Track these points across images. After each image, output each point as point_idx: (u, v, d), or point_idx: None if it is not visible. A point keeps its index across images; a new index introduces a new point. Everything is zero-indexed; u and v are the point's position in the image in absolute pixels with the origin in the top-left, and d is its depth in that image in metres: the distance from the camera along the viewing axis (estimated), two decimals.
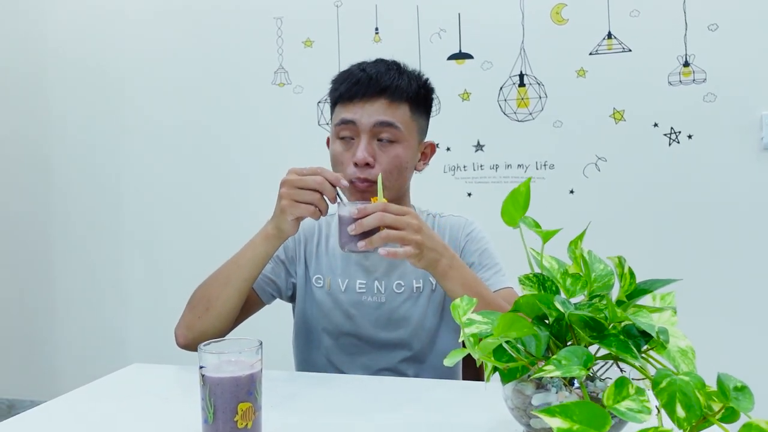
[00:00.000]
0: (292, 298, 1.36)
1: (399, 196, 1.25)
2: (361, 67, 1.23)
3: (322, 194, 1.06)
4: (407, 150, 1.22)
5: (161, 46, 2.75)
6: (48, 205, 2.91)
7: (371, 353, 1.27)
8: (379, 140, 1.19)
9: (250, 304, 1.27)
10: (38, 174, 2.91)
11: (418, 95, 1.24)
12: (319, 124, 2.57)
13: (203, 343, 0.77)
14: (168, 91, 2.75)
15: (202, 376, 0.75)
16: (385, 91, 1.19)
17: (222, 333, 1.21)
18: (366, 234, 1.02)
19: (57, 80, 2.87)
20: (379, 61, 1.25)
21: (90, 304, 2.87)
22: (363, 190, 1.18)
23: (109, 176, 2.83)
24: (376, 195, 1.10)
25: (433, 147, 1.32)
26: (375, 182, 1.15)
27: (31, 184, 2.92)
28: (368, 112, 1.18)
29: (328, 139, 1.32)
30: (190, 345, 1.20)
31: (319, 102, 2.57)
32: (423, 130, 1.28)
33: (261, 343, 0.79)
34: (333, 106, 1.26)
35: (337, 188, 1.08)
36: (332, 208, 1.12)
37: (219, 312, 1.17)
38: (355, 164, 1.17)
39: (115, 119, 2.81)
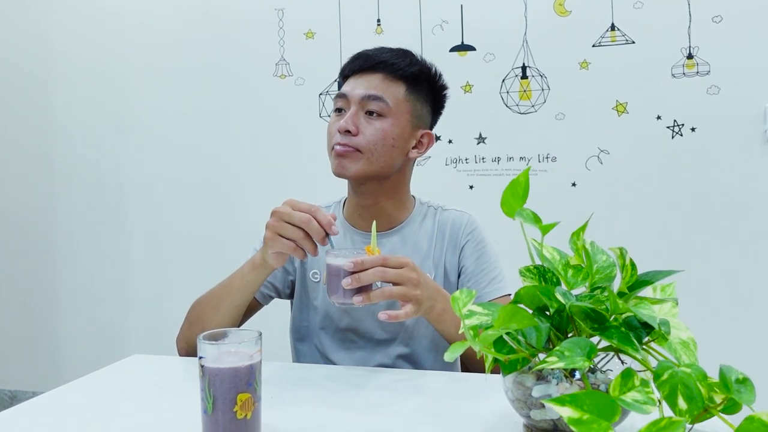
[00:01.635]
0: (290, 296, 1.35)
1: (386, 174, 1.22)
2: (368, 48, 1.27)
3: (307, 234, 1.02)
4: (395, 127, 1.20)
5: (163, 38, 2.74)
6: (52, 198, 2.91)
7: (367, 349, 1.26)
8: (369, 113, 1.20)
9: (249, 310, 1.27)
10: (42, 168, 2.91)
11: (417, 78, 1.23)
12: (321, 116, 2.56)
13: (203, 334, 0.77)
14: (169, 83, 2.74)
15: (202, 366, 0.75)
16: (379, 65, 1.21)
17: None
18: (360, 288, 0.99)
19: (60, 72, 2.86)
20: (393, 48, 1.27)
21: (92, 296, 2.88)
22: (340, 154, 1.19)
23: (112, 168, 2.83)
24: (357, 167, 1.14)
25: (431, 137, 1.29)
26: (355, 149, 1.17)
27: (35, 179, 2.92)
28: (361, 86, 1.21)
29: None
30: (192, 355, 1.21)
31: (321, 94, 2.56)
32: (420, 116, 1.26)
33: (260, 334, 0.79)
34: (339, 87, 1.29)
35: (330, 237, 1.04)
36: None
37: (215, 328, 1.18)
38: (339, 132, 1.19)
39: (117, 112, 2.81)
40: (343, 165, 1.19)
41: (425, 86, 1.25)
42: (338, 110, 1.23)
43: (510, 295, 1.22)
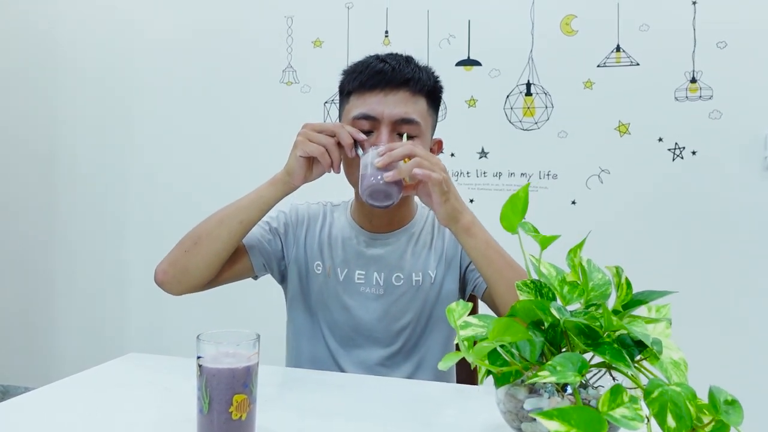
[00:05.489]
0: (282, 281, 1.34)
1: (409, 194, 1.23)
2: (380, 58, 1.21)
3: (337, 144, 1.10)
4: (424, 145, 1.20)
5: (170, 42, 2.76)
6: (52, 196, 2.92)
7: (367, 346, 1.26)
8: (398, 134, 1.17)
9: (238, 262, 1.24)
10: (44, 166, 2.93)
11: (434, 90, 1.24)
12: None
13: (201, 334, 0.78)
14: (174, 87, 2.76)
15: (200, 366, 0.76)
16: (407, 82, 1.17)
17: (204, 277, 1.18)
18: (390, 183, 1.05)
19: (66, 74, 2.89)
20: (395, 54, 1.24)
21: (89, 293, 2.89)
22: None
23: (114, 169, 2.85)
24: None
25: (440, 144, 1.32)
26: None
27: (37, 176, 2.94)
28: (389, 106, 1.16)
29: None
30: (169, 281, 1.19)
31: (326, 102, 2.59)
32: (434, 126, 1.28)
33: (258, 337, 0.80)
34: (347, 96, 1.23)
35: (358, 148, 1.11)
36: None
37: (206, 250, 1.16)
38: None
39: (122, 115, 2.83)
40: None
41: (436, 96, 1.26)
42: (366, 132, 1.17)
43: None
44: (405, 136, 1.15)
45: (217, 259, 1.18)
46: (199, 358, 0.76)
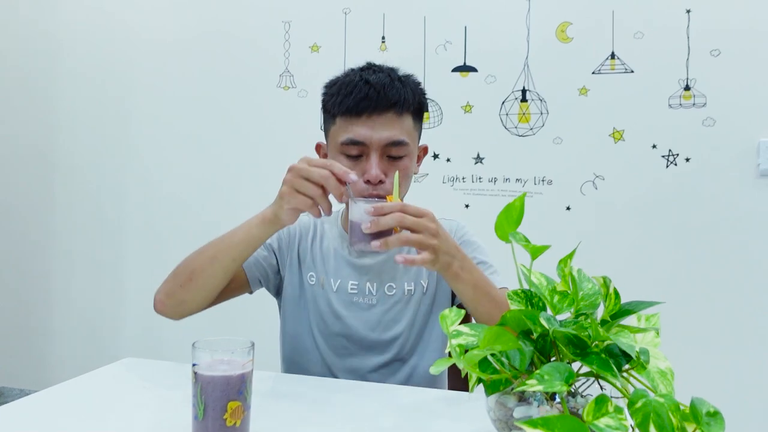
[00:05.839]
0: (277, 294, 1.36)
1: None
2: (363, 77, 1.20)
3: (325, 190, 1.02)
4: (412, 160, 1.23)
5: (168, 45, 2.77)
6: (49, 199, 2.93)
7: (360, 355, 1.28)
8: (389, 156, 1.19)
9: (236, 284, 1.26)
10: (42, 168, 2.93)
11: (419, 105, 1.25)
12: (321, 129, 2.59)
13: (197, 342, 0.79)
14: (173, 90, 2.77)
15: (195, 373, 0.77)
16: (394, 105, 1.17)
17: (201, 306, 1.20)
18: (380, 234, 1.00)
19: (65, 76, 2.89)
20: (376, 69, 1.23)
21: (86, 297, 2.89)
22: None
23: (112, 174, 2.85)
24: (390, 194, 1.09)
25: (425, 149, 1.33)
26: (386, 196, 1.14)
27: (35, 178, 2.94)
28: (378, 130, 1.16)
29: (318, 147, 1.33)
30: (168, 312, 1.20)
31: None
32: (420, 135, 1.29)
33: (253, 344, 0.81)
34: (332, 117, 1.23)
35: (348, 186, 1.04)
36: (336, 205, 1.11)
37: (201, 285, 1.16)
38: (368, 181, 1.16)
39: (120, 118, 2.84)
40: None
41: (421, 108, 1.26)
42: (355, 156, 1.18)
43: (507, 288, 1.21)
44: (396, 175, 1.11)
45: (213, 292, 1.19)
46: (194, 365, 0.77)
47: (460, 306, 1.31)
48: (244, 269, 1.28)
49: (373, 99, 1.16)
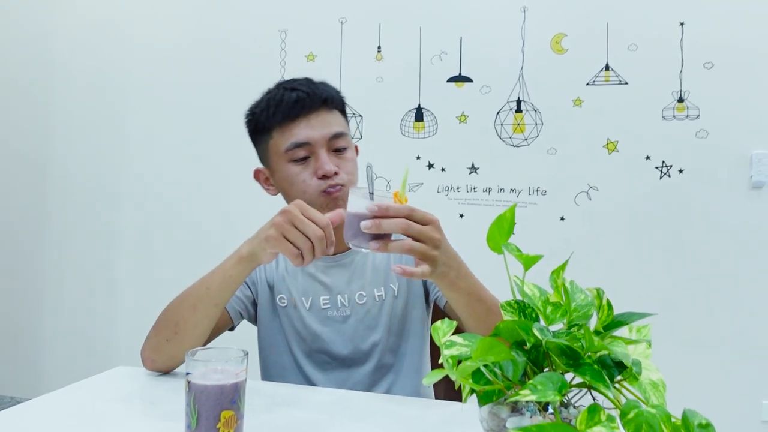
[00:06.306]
0: (255, 321, 1.35)
1: None
2: (286, 88, 1.23)
3: (313, 246, 0.99)
4: (354, 151, 1.26)
5: (164, 52, 2.78)
6: (42, 206, 2.92)
7: (342, 368, 1.27)
8: (335, 150, 1.20)
9: (221, 323, 1.24)
10: (36, 175, 2.93)
11: (343, 104, 1.27)
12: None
13: (190, 351, 0.79)
14: (169, 98, 2.78)
15: (188, 382, 0.77)
16: (324, 102, 1.20)
17: None
18: (380, 234, 0.94)
19: (60, 86, 2.90)
20: (294, 80, 1.26)
21: (79, 305, 2.88)
22: (338, 197, 1.17)
23: (106, 181, 2.85)
24: (346, 200, 1.00)
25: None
26: (342, 186, 1.16)
27: (28, 185, 2.94)
28: (317, 128, 1.19)
29: (257, 173, 1.31)
30: (159, 368, 1.17)
31: None
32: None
33: (247, 354, 0.81)
34: (267, 133, 1.24)
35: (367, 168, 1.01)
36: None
37: (188, 336, 1.13)
38: (324, 176, 1.17)
39: (116, 125, 2.84)
40: (339, 206, 1.13)
41: (344, 107, 1.28)
42: (302, 159, 1.19)
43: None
44: (406, 170, 1.06)
45: (200, 339, 1.16)
46: (187, 374, 0.77)
47: (435, 304, 1.31)
48: (227, 308, 1.26)
49: (304, 100, 1.19)
